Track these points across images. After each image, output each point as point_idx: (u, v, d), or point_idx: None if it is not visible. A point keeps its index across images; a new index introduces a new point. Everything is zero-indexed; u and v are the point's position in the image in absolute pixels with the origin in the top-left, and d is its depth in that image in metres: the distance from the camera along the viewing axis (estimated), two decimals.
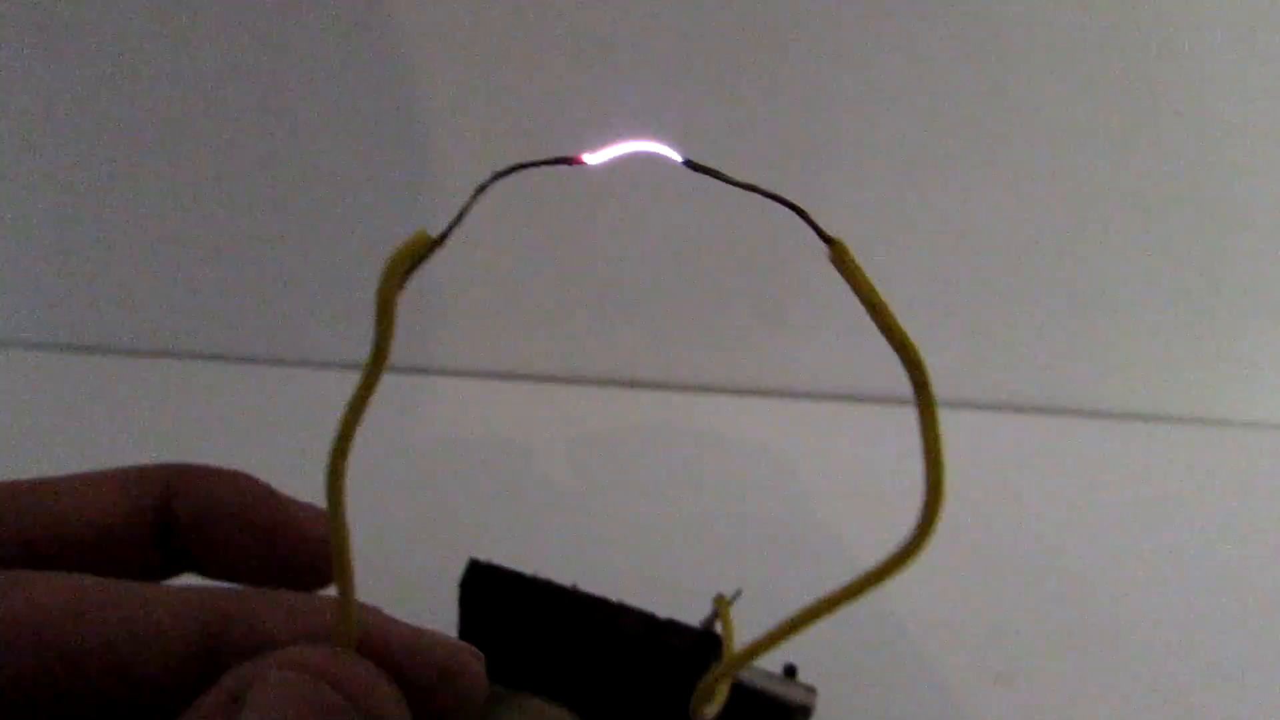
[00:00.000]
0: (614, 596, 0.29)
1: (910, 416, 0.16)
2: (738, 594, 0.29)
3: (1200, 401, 0.53)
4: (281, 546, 0.23)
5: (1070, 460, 0.50)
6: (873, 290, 0.16)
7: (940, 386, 0.16)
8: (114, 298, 0.52)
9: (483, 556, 0.29)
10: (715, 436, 0.50)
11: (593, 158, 0.17)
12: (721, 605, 0.29)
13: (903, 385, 0.16)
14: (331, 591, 0.20)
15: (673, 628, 0.28)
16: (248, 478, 0.24)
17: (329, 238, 0.50)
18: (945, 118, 0.47)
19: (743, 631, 0.28)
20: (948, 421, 0.16)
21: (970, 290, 0.51)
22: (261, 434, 0.47)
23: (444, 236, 0.16)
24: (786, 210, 0.16)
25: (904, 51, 0.46)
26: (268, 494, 0.24)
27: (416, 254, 0.16)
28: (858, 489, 0.46)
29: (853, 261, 0.16)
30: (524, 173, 0.16)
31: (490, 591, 0.29)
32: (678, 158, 0.17)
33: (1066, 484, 0.48)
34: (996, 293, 0.51)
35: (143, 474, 0.23)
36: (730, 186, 0.17)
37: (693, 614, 0.29)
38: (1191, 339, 0.52)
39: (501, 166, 0.16)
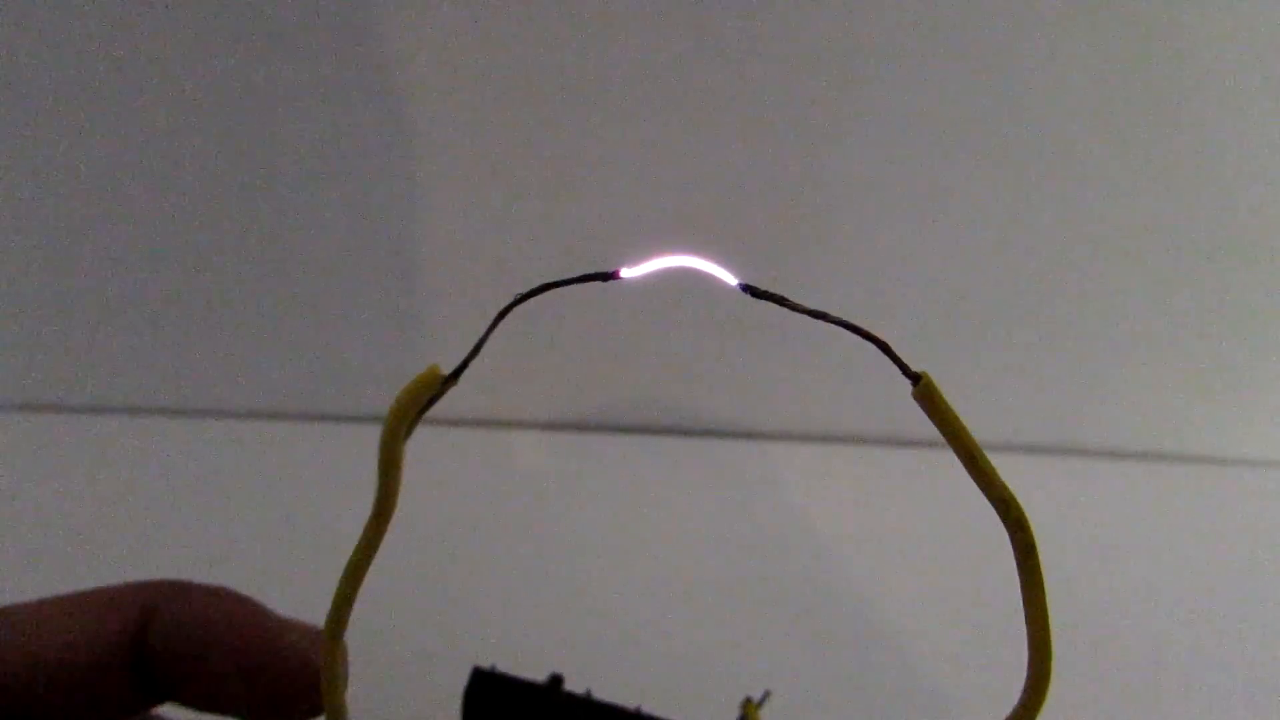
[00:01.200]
0: (631, 687, 0.27)
1: (937, 458, 0.14)
2: (766, 696, 0.27)
3: (1221, 441, 0.51)
4: (270, 676, 0.21)
5: (1087, 502, 0.48)
6: (966, 434, 0.14)
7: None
8: (92, 355, 0.49)
9: (487, 662, 0.27)
10: (731, 485, 0.48)
11: (630, 272, 0.14)
12: (751, 711, 0.26)
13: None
14: None
15: None
16: (234, 597, 0.22)
17: (317, 290, 0.47)
18: (955, 152, 0.45)
19: None
20: (951, 462, 0.14)
21: (975, 328, 0.49)
22: (253, 490, 0.44)
23: (458, 373, 0.14)
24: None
25: (911, 80, 0.44)
26: (255, 615, 0.22)
27: (427, 394, 0.14)
28: (879, 536, 0.43)
29: (943, 400, 0.14)
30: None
31: (498, 704, 0.26)
32: (730, 278, 0.14)
33: (1085, 527, 0.46)
34: (1001, 331, 0.49)
35: (117, 597, 0.21)
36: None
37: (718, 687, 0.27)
38: (1206, 377, 0.50)
39: (524, 289, 0.14)
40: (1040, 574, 0.14)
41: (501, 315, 0.14)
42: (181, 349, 0.48)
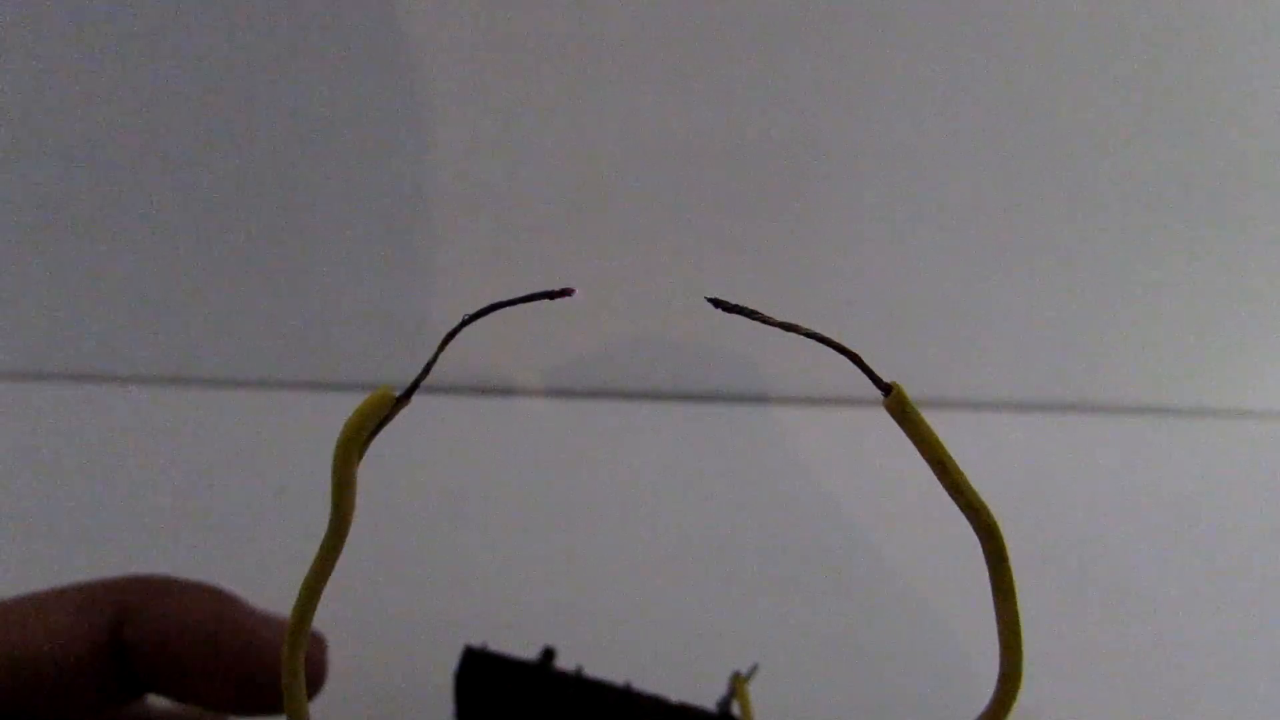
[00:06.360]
0: (621, 659, 0.27)
1: (933, 419, 0.13)
2: (754, 669, 0.27)
3: (1219, 392, 0.50)
4: (246, 673, 0.22)
5: (1086, 458, 0.47)
6: (938, 443, 0.13)
7: (946, 387, 0.13)
8: (94, 323, 0.48)
9: (478, 638, 0.27)
10: (717, 453, 0.47)
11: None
12: (739, 684, 0.27)
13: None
14: None
15: (687, 713, 0.26)
16: (211, 592, 0.22)
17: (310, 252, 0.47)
18: (952, 109, 0.44)
19: (761, 708, 0.26)
20: (951, 422, 0.13)
21: (974, 287, 0.47)
22: (232, 459, 0.44)
23: (409, 393, 0.14)
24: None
25: (908, 41, 0.42)
26: (232, 612, 0.22)
27: (378, 416, 0.13)
28: (872, 502, 0.43)
29: (914, 410, 0.13)
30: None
31: (489, 683, 0.26)
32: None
33: (1083, 483, 0.45)
34: (1000, 289, 0.48)
35: (94, 593, 0.21)
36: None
37: (706, 661, 0.27)
38: (1204, 329, 0.49)
39: (472, 310, 0.13)
40: (1012, 581, 0.13)
41: (450, 337, 0.13)
42: (167, 317, 0.48)
